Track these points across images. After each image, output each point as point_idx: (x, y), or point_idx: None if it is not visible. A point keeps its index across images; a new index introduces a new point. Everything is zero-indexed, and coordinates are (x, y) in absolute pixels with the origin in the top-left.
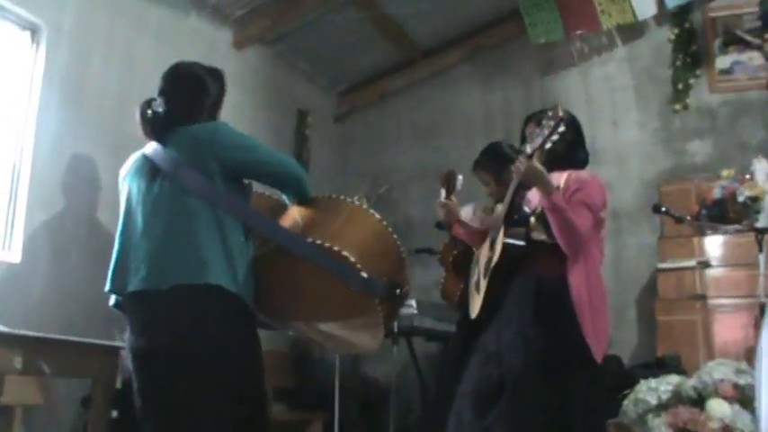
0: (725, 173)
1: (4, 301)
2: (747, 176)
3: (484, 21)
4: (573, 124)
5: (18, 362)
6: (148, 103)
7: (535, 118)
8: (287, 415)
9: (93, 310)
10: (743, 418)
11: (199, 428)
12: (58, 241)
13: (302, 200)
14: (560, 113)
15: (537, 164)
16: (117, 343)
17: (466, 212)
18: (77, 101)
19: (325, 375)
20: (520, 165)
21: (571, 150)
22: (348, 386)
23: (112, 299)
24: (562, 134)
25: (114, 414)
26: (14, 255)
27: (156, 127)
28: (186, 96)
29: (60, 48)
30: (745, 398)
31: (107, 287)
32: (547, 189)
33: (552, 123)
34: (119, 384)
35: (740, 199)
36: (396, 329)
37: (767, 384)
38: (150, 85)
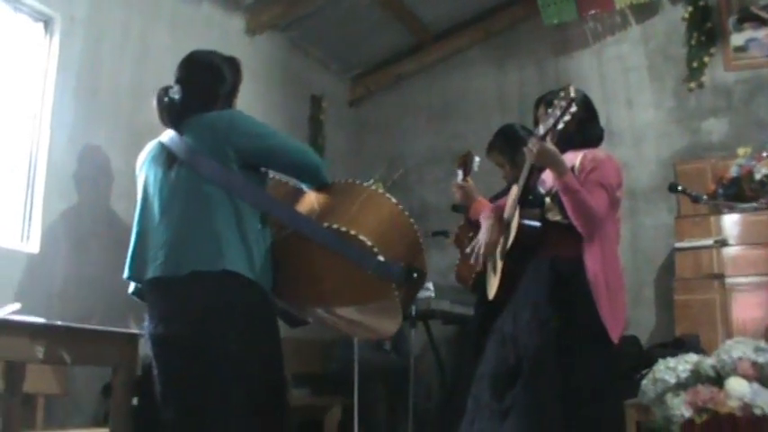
0: (741, 151)
1: (25, 292)
2: (764, 154)
3: (496, 2)
4: (584, 102)
5: (40, 351)
6: (166, 91)
7: (546, 99)
8: (308, 400)
9: (112, 298)
10: (762, 396)
11: (218, 414)
12: (76, 231)
13: (319, 186)
14: (572, 93)
15: (550, 145)
16: (136, 330)
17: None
18: (92, 91)
19: (347, 360)
20: (532, 147)
21: (584, 129)
22: (369, 370)
23: (131, 286)
24: (574, 114)
25: (135, 401)
26: (33, 245)
27: (172, 114)
28: (202, 84)
29: (74, 39)
30: (764, 376)
31: (126, 274)
32: (560, 170)
33: (564, 104)
34: (138, 372)
35: (757, 177)
36: (413, 313)
37: None
38: (164, 74)
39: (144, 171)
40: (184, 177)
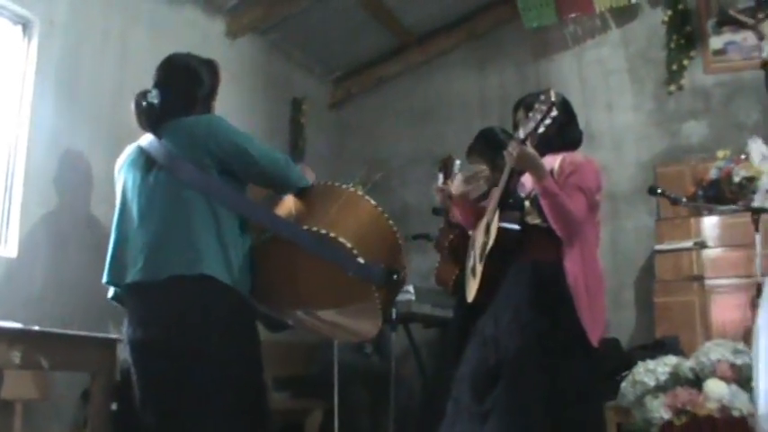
0: (720, 153)
1: (2, 297)
2: (743, 157)
3: (477, 5)
4: (563, 105)
5: (17, 356)
6: (144, 95)
7: (525, 102)
8: (289, 403)
9: (92, 303)
10: (740, 398)
11: (197, 418)
12: (54, 235)
13: (296, 193)
14: (552, 98)
15: (529, 149)
16: (115, 335)
17: (457, 184)
18: (72, 94)
19: (328, 363)
20: (512, 150)
21: (563, 132)
22: (350, 373)
23: (110, 291)
24: (554, 117)
25: (114, 406)
26: (11, 249)
27: (151, 118)
28: (181, 88)
29: (53, 41)
30: (742, 378)
31: (104, 279)
32: (539, 174)
33: (544, 108)
34: (117, 377)
35: (736, 179)
36: (394, 316)
37: (765, 364)
38: (145, 77)
39: (122, 175)
40: (163, 182)
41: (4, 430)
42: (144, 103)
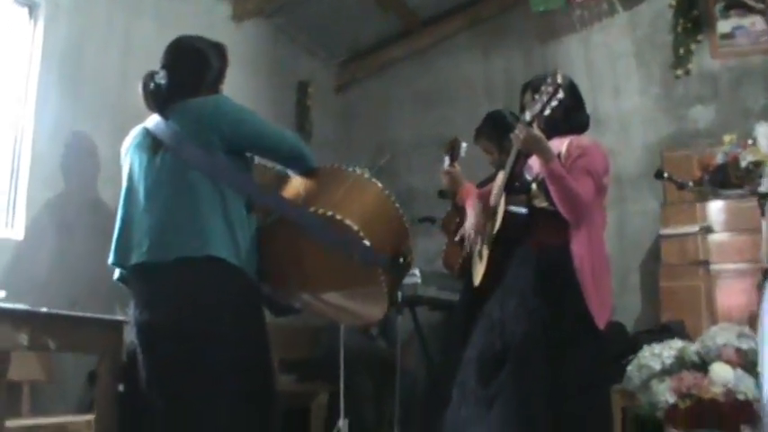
0: (727, 138)
1: (9, 279)
2: (750, 142)
3: None
4: (570, 89)
5: (24, 338)
6: (151, 76)
7: (532, 85)
8: (294, 386)
9: (98, 285)
10: (746, 382)
11: (206, 400)
12: (61, 218)
13: (305, 172)
14: (559, 80)
15: (536, 131)
16: (121, 317)
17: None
18: (77, 77)
19: (334, 346)
20: (519, 133)
21: (570, 115)
22: (356, 356)
23: (116, 272)
24: (561, 100)
25: (120, 388)
26: (18, 232)
27: (158, 100)
28: (188, 70)
29: (59, 24)
30: (747, 362)
31: (110, 260)
32: (546, 157)
33: (551, 89)
34: (123, 358)
35: (743, 164)
36: (400, 299)
37: None
38: (150, 60)
39: (129, 157)
40: (169, 163)
41: (11, 411)
42: (151, 85)
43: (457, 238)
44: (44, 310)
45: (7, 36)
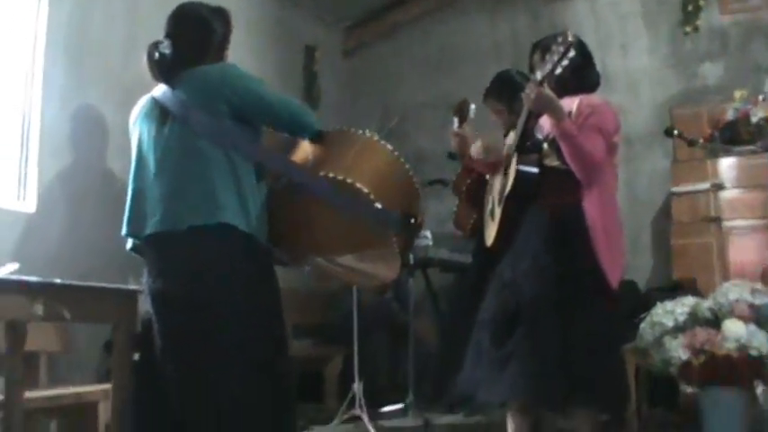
0: (737, 94)
1: (22, 251)
2: (760, 98)
3: None
4: (580, 48)
5: (39, 309)
6: (156, 46)
7: (542, 45)
8: (309, 351)
9: (110, 255)
10: (758, 337)
11: (219, 368)
12: (72, 190)
13: (312, 139)
14: (569, 38)
15: (547, 90)
16: (135, 287)
17: (476, 149)
18: (82, 49)
19: (348, 310)
20: (530, 92)
21: (580, 74)
22: (370, 319)
23: (129, 242)
24: (571, 59)
25: (136, 357)
26: (30, 205)
27: (163, 69)
28: (192, 38)
29: None
30: (760, 318)
31: (123, 231)
32: (557, 116)
33: (561, 49)
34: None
35: (753, 120)
36: (412, 261)
37: None
38: (154, 29)
39: (137, 127)
40: (178, 132)
41: (29, 382)
42: (156, 54)
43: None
44: (57, 280)
45: (12, 9)
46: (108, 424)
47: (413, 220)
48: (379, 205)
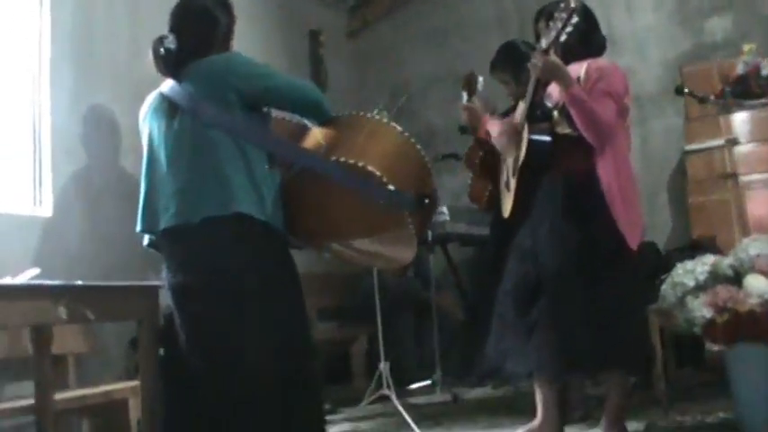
0: (746, 48)
1: (42, 255)
2: None
3: None
4: (584, 12)
5: (62, 312)
6: (160, 41)
7: (546, 12)
8: (334, 333)
9: (129, 254)
10: None
11: (241, 357)
12: (87, 191)
13: (323, 121)
14: (572, 4)
15: (554, 58)
16: (155, 282)
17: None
18: (88, 49)
19: (372, 290)
20: (537, 61)
21: (586, 39)
22: (393, 298)
23: (146, 239)
24: (575, 25)
25: (161, 352)
26: (46, 209)
27: (169, 64)
28: (197, 31)
29: None
30: None
31: (138, 227)
32: (566, 82)
33: (565, 15)
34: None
35: (764, 73)
36: (430, 237)
37: None
38: (158, 24)
39: (147, 123)
40: (188, 125)
41: (58, 384)
42: (161, 50)
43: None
44: (79, 282)
45: (15, 13)
46: (139, 420)
47: (427, 200)
48: (391, 187)
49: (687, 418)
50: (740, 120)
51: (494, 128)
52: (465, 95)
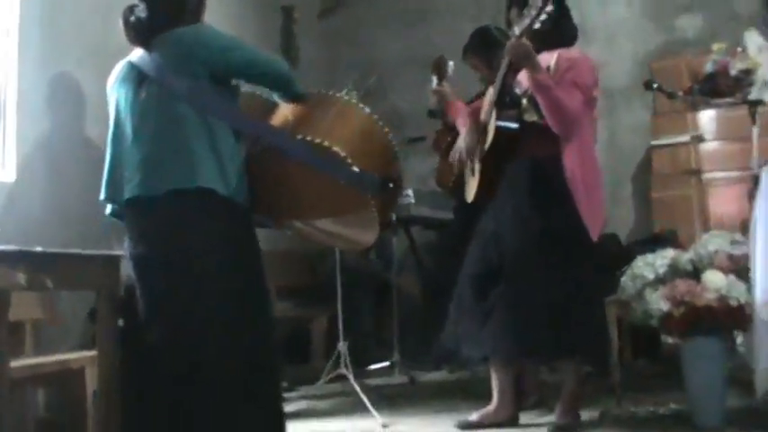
0: (716, 47)
1: (4, 220)
2: (739, 50)
3: None
4: (558, 1)
5: (21, 278)
6: (131, 9)
7: (518, 0)
8: (294, 312)
9: (92, 222)
10: (738, 287)
11: (201, 330)
12: (51, 157)
13: (292, 98)
14: None
15: (526, 42)
16: (117, 252)
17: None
18: (58, 14)
19: (333, 270)
20: (509, 46)
21: (558, 28)
22: (354, 279)
23: (108, 208)
24: (549, 13)
25: (120, 323)
26: (9, 174)
27: (139, 33)
28: (167, 1)
29: None
30: (740, 268)
31: (102, 196)
32: (533, 67)
33: (540, 3)
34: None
35: (732, 72)
36: (394, 219)
37: (761, 254)
38: None
39: (115, 92)
40: (155, 96)
41: (14, 351)
42: (132, 18)
43: (451, 159)
44: (39, 249)
45: None
46: (95, 390)
47: (391, 184)
48: (356, 169)
49: (640, 408)
50: (707, 117)
51: (462, 128)
52: (435, 79)
